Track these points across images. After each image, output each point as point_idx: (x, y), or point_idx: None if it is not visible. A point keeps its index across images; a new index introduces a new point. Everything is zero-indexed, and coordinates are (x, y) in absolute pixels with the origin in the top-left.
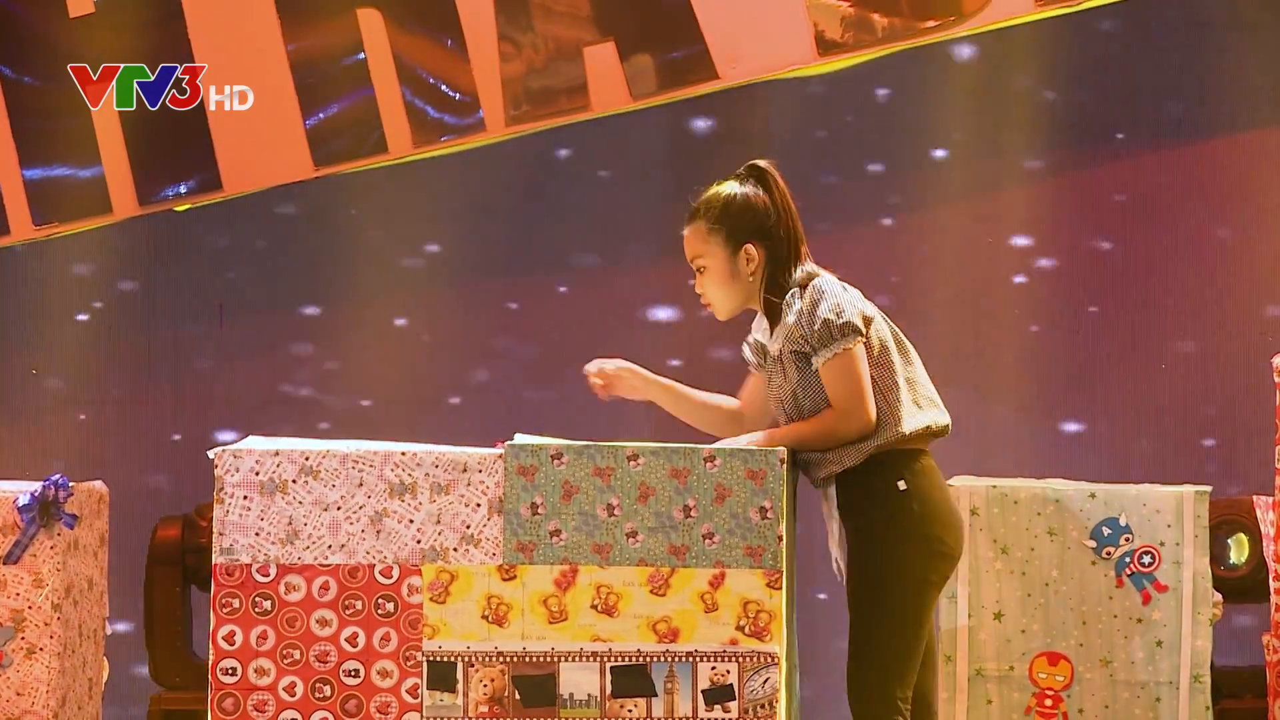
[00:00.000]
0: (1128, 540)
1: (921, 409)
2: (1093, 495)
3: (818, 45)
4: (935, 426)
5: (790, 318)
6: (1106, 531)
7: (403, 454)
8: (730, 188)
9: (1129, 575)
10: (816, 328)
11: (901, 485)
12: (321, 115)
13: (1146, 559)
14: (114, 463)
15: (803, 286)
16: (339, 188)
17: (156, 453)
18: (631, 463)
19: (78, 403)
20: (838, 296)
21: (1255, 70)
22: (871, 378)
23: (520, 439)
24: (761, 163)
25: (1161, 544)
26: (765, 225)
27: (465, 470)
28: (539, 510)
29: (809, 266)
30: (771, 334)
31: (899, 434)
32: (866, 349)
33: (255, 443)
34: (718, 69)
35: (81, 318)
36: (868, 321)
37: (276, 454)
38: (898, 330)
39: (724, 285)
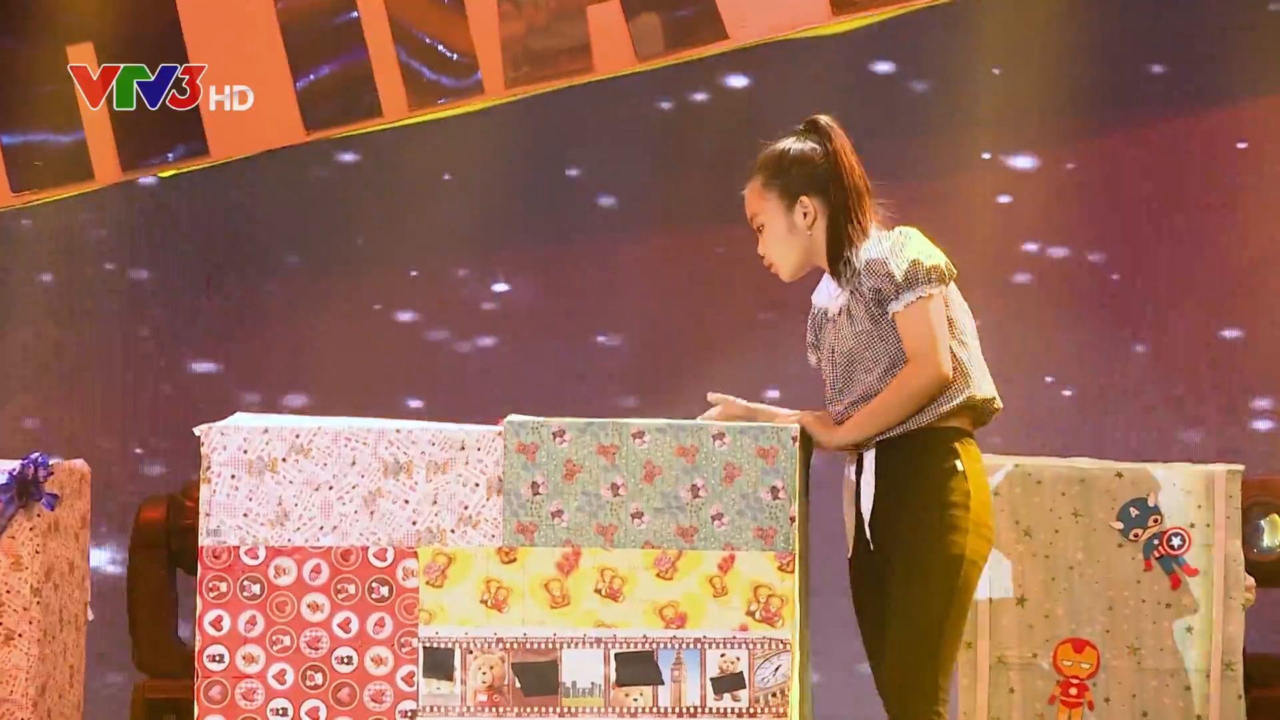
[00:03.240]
0: (1156, 522)
1: (987, 376)
2: (1120, 474)
3: (831, 3)
4: (997, 403)
5: (874, 252)
6: (1134, 512)
7: (397, 431)
8: (786, 143)
9: (1158, 558)
10: (905, 266)
11: (959, 465)
12: (313, 77)
13: (1176, 541)
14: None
15: (886, 231)
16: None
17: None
18: (636, 440)
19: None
20: (926, 242)
21: None
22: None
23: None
24: (821, 118)
25: (1192, 525)
26: (821, 177)
27: (463, 448)
28: (540, 490)
29: (878, 228)
30: (839, 287)
31: (971, 395)
32: (944, 303)
33: (243, 419)
34: (727, 28)
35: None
36: (951, 273)
37: (265, 431)
38: (962, 298)
39: (782, 241)
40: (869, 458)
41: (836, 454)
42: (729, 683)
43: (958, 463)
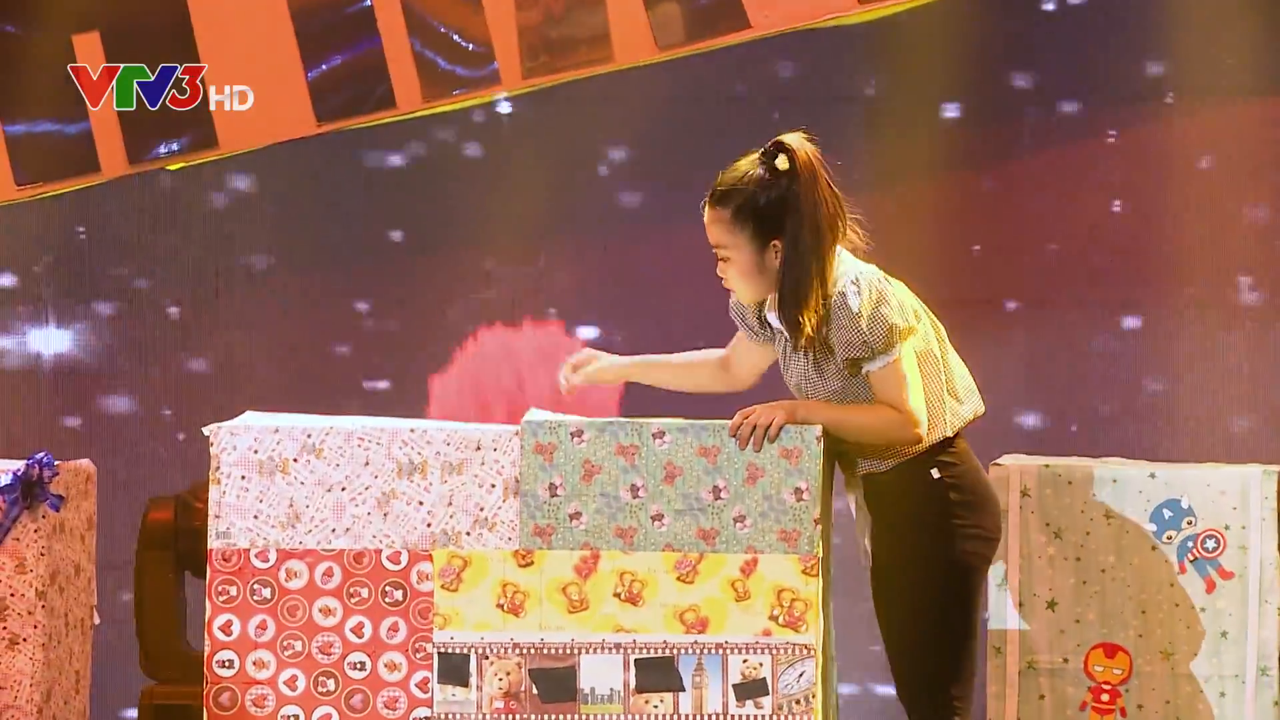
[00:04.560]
0: (1190, 524)
1: (962, 401)
2: (1153, 475)
3: None
4: (975, 416)
5: (845, 319)
6: (1167, 514)
7: (411, 431)
8: (756, 174)
9: (1191, 561)
10: (882, 334)
11: (935, 474)
12: (324, 67)
13: (1210, 544)
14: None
15: (852, 281)
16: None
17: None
18: (657, 440)
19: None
20: (896, 296)
21: None
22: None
23: (536, 414)
24: (791, 140)
25: (1226, 527)
26: (791, 216)
27: (479, 448)
28: (558, 491)
29: (848, 260)
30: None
31: (944, 436)
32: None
33: (253, 419)
34: (749, 17)
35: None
36: (917, 318)
37: (276, 431)
38: (932, 315)
39: (749, 278)
40: (859, 490)
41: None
42: (752, 689)
43: (934, 471)
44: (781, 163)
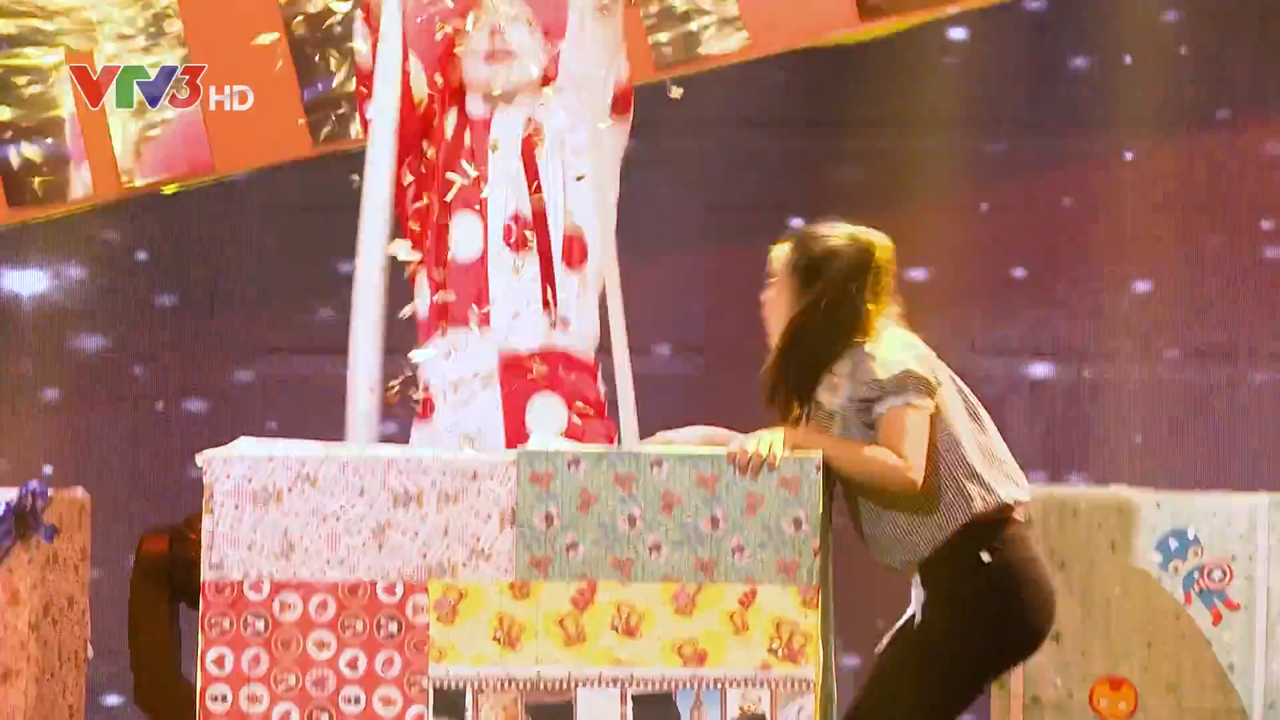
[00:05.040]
0: (1196, 554)
1: (998, 483)
2: (1159, 504)
3: (860, 8)
4: (1014, 502)
5: (864, 360)
6: (1173, 544)
7: (407, 460)
8: (835, 245)
9: (1198, 592)
10: (895, 373)
11: (985, 557)
12: (321, 88)
13: (1217, 574)
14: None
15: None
16: None
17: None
18: (654, 470)
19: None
20: (917, 349)
21: None
22: (936, 448)
23: (536, 442)
24: (875, 237)
25: (1233, 558)
26: (841, 286)
27: (475, 478)
28: (554, 522)
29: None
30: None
31: (970, 512)
32: (933, 418)
33: (247, 447)
34: (750, 37)
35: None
36: (938, 385)
37: (270, 460)
38: (970, 395)
39: (780, 318)
40: (915, 582)
41: None
42: None
43: (984, 554)
44: (852, 249)
